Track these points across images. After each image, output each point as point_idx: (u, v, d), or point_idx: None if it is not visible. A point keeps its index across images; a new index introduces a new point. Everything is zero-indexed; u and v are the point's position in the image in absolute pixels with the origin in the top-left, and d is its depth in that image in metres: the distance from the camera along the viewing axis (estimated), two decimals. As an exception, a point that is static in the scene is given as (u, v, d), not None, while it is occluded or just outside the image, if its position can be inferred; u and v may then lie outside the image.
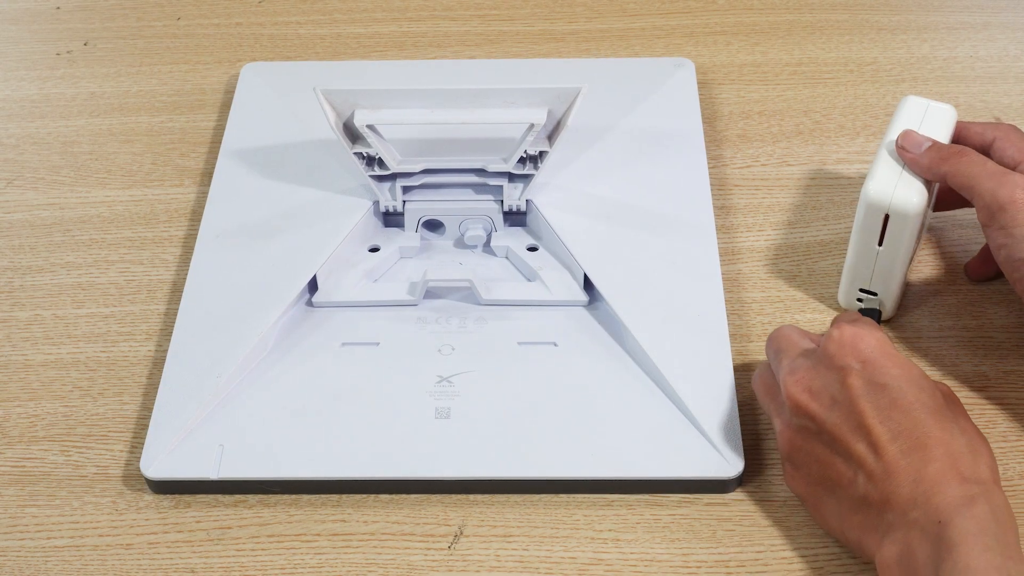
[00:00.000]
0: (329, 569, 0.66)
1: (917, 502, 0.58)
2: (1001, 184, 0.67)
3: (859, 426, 0.61)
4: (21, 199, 0.86)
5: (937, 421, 0.60)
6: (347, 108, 0.73)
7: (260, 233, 0.79)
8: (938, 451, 0.59)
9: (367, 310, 0.76)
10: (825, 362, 0.63)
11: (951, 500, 0.57)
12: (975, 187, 0.68)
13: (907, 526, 0.58)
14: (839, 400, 0.62)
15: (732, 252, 0.81)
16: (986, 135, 0.72)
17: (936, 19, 0.98)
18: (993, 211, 0.67)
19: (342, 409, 0.71)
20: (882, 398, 0.61)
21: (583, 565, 0.66)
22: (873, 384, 0.61)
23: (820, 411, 0.62)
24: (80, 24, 1.00)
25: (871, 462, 0.60)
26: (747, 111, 0.90)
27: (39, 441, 0.72)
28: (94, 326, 0.78)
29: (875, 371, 0.61)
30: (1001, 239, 0.67)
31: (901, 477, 0.59)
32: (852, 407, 0.61)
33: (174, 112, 0.92)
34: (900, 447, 0.60)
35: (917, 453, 0.59)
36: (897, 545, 0.58)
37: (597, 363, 0.73)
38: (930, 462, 0.59)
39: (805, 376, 0.63)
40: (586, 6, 1.00)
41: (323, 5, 1.01)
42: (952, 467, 0.59)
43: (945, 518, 0.57)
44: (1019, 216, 0.66)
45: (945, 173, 0.69)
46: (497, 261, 0.79)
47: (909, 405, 0.60)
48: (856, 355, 0.62)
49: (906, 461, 0.59)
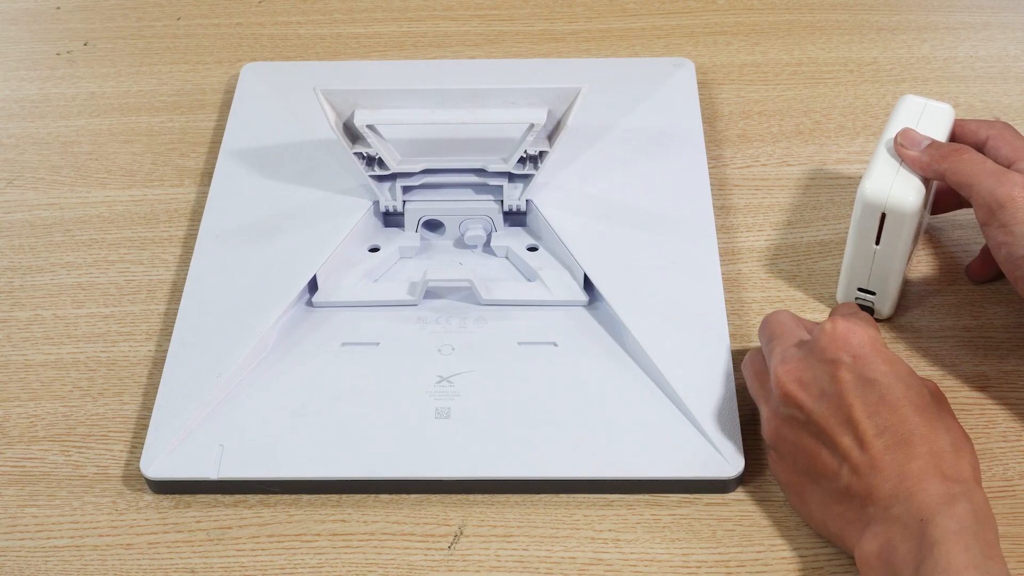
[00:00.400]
0: (329, 569, 0.66)
1: (899, 498, 0.59)
2: (1000, 182, 0.67)
3: (847, 419, 0.61)
4: (21, 199, 0.86)
5: (923, 418, 0.61)
6: (347, 108, 0.73)
7: (260, 233, 0.79)
8: (922, 448, 0.60)
9: (367, 310, 0.76)
10: (816, 354, 0.64)
11: (933, 498, 0.58)
12: (974, 185, 0.68)
13: (888, 521, 0.59)
14: (828, 392, 0.62)
15: (732, 252, 0.81)
16: (980, 133, 0.72)
17: (936, 19, 0.98)
18: (992, 209, 0.67)
19: (342, 409, 0.71)
20: (871, 393, 0.61)
21: (583, 565, 0.66)
22: (862, 379, 0.62)
23: (808, 402, 0.63)
24: (80, 24, 1.00)
25: (856, 455, 0.61)
26: (747, 111, 0.90)
27: (39, 441, 0.72)
28: (94, 326, 0.78)
29: (865, 366, 0.62)
30: (1001, 237, 0.67)
31: (885, 472, 0.60)
32: (841, 400, 0.62)
33: (174, 112, 0.92)
34: (885, 442, 0.60)
35: (901, 449, 0.60)
36: (878, 539, 0.59)
37: (597, 363, 0.73)
38: (914, 459, 0.60)
39: (796, 367, 0.64)
40: (586, 6, 1.00)
41: (323, 5, 1.01)
42: (935, 465, 0.59)
43: (927, 516, 0.57)
44: (1019, 214, 0.66)
45: (944, 171, 0.69)
46: (497, 261, 0.79)
47: (896, 401, 0.61)
48: (848, 349, 0.63)
49: (890, 456, 0.60)
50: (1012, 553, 0.65)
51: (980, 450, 0.69)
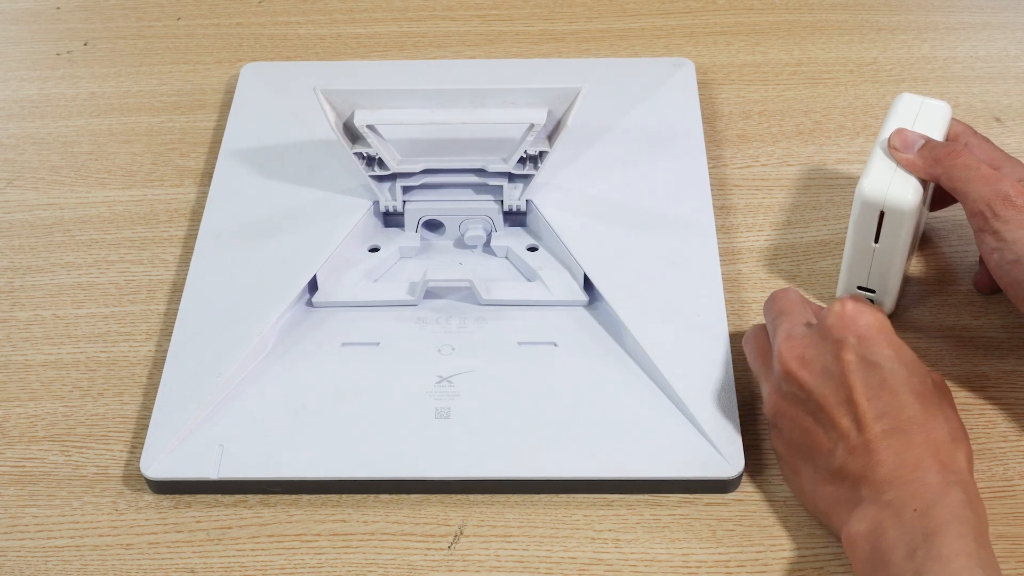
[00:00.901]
0: (329, 569, 0.66)
1: (894, 484, 0.59)
2: (993, 189, 0.68)
3: (847, 400, 0.62)
4: (21, 199, 0.86)
5: (922, 406, 0.61)
6: (347, 108, 0.73)
7: (260, 233, 0.79)
8: (920, 437, 0.60)
9: (367, 310, 0.76)
10: (822, 333, 0.64)
11: (929, 488, 0.59)
12: (968, 192, 0.68)
13: (880, 505, 0.59)
14: (831, 372, 0.63)
15: (732, 252, 0.81)
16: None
17: (936, 19, 0.98)
18: (985, 215, 0.68)
19: (342, 409, 0.71)
20: (873, 376, 0.62)
21: (583, 565, 0.66)
22: (866, 361, 0.62)
23: (810, 380, 0.63)
24: (80, 24, 1.00)
25: (853, 437, 0.61)
26: (747, 111, 0.90)
27: (39, 441, 0.72)
28: (94, 326, 0.78)
29: (869, 348, 0.62)
30: (993, 243, 0.68)
31: (881, 456, 0.60)
32: (843, 380, 0.62)
33: (174, 112, 0.92)
34: (883, 427, 0.61)
35: (899, 435, 0.60)
36: (866, 522, 0.59)
37: (597, 363, 0.73)
38: (911, 447, 0.60)
39: (800, 344, 0.64)
40: (586, 6, 1.00)
41: (323, 5, 1.01)
42: (932, 454, 0.60)
43: (922, 507, 0.58)
44: (1012, 219, 0.67)
45: (938, 176, 0.69)
46: (497, 261, 0.79)
47: (898, 387, 0.61)
48: (854, 330, 0.63)
49: (887, 442, 0.60)
50: (1012, 553, 0.65)
51: (980, 450, 0.69)
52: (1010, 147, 0.86)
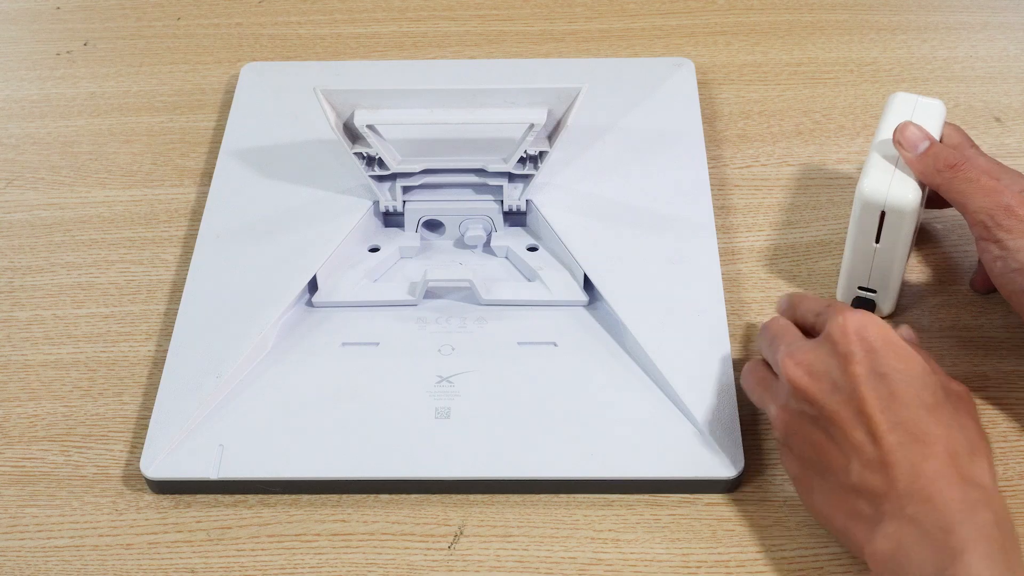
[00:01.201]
0: (329, 569, 0.66)
1: (914, 497, 0.58)
2: (995, 200, 0.68)
3: (859, 413, 0.61)
4: (21, 199, 0.86)
5: (934, 418, 0.60)
6: (347, 108, 0.73)
7: (260, 233, 0.79)
8: (936, 447, 0.59)
9: (367, 310, 0.76)
10: (827, 347, 0.63)
11: (953, 503, 0.57)
12: (968, 204, 0.68)
13: (902, 520, 0.58)
14: (840, 386, 0.62)
15: (732, 252, 0.81)
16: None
17: (936, 19, 0.98)
18: (987, 224, 0.68)
19: (342, 409, 0.71)
20: (883, 388, 0.61)
21: (583, 565, 0.66)
22: (875, 373, 0.61)
23: (820, 395, 0.62)
24: (80, 24, 1.00)
25: (868, 450, 0.60)
26: (747, 111, 0.90)
27: (39, 441, 0.72)
28: (94, 326, 0.78)
29: (878, 361, 0.61)
30: (996, 251, 0.68)
31: (898, 468, 0.59)
32: (853, 394, 0.61)
33: (174, 112, 0.92)
34: (899, 438, 0.60)
35: (915, 446, 0.59)
36: (890, 541, 0.58)
37: (597, 363, 0.73)
38: (928, 458, 0.59)
39: (805, 358, 0.63)
40: (586, 6, 1.00)
41: (323, 5, 1.01)
42: (951, 465, 0.59)
43: (948, 524, 0.57)
44: (1015, 228, 0.67)
45: (938, 186, 0.69)
46: (497, 261, 0.79)
47: (909, 399, 0.61)
48: (861, 343, 0.62)
49: (904, 452, 0.59)
50: (1012, 553, 0.65)
51: (980, 450, 0.69)
52: (1010, 147, 0.87)
